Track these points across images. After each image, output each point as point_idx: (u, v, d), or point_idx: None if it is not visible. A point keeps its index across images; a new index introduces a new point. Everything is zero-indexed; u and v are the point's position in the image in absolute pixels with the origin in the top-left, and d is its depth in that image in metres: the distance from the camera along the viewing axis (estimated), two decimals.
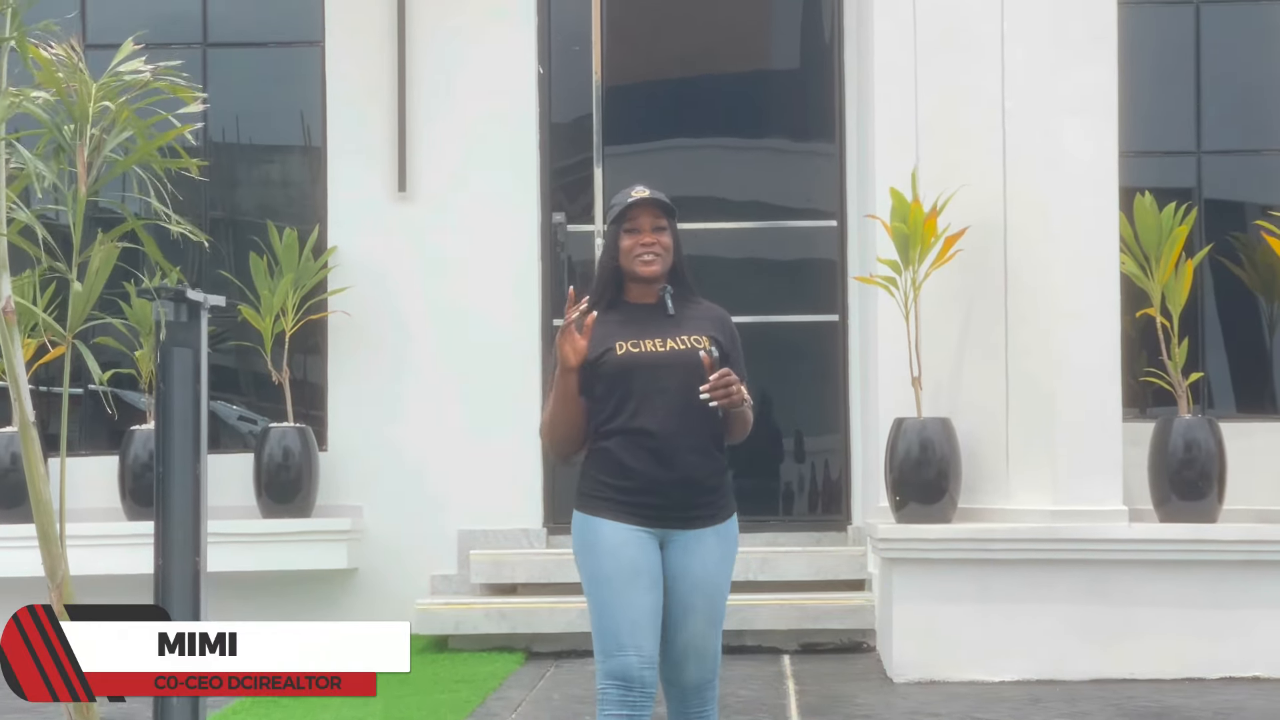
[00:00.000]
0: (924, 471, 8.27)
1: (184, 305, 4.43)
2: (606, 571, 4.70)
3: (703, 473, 4.73)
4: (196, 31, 10.25)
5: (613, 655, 4.64)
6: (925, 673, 8.10)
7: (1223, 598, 8.07)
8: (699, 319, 4.84)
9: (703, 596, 4.73)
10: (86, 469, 9.81)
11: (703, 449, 4.72)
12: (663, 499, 4.70)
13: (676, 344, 4.73)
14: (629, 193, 4.83)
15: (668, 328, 4.77)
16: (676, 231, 4.85)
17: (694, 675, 4.76)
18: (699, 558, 4.72)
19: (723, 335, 4.83)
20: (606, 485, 4.75)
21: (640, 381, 4.70)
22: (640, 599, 4.66)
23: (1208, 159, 9.69)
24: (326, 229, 10.10)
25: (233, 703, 7.69)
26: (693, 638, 4.73)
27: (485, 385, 9.92)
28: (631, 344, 4.73)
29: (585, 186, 10.10)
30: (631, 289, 4.85)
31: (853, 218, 9.87)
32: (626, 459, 4.71)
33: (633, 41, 10.33)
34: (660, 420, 4.68)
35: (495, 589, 9.59)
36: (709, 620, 4.75)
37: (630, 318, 4.80)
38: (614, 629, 4.66)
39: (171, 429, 4.43)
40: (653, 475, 4.69)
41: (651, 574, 4.69)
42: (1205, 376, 9.42)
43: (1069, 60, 8.38)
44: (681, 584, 4.72)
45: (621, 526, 4.71)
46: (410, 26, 10.08)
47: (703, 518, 4.74)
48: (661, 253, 4.79)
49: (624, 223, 4.81)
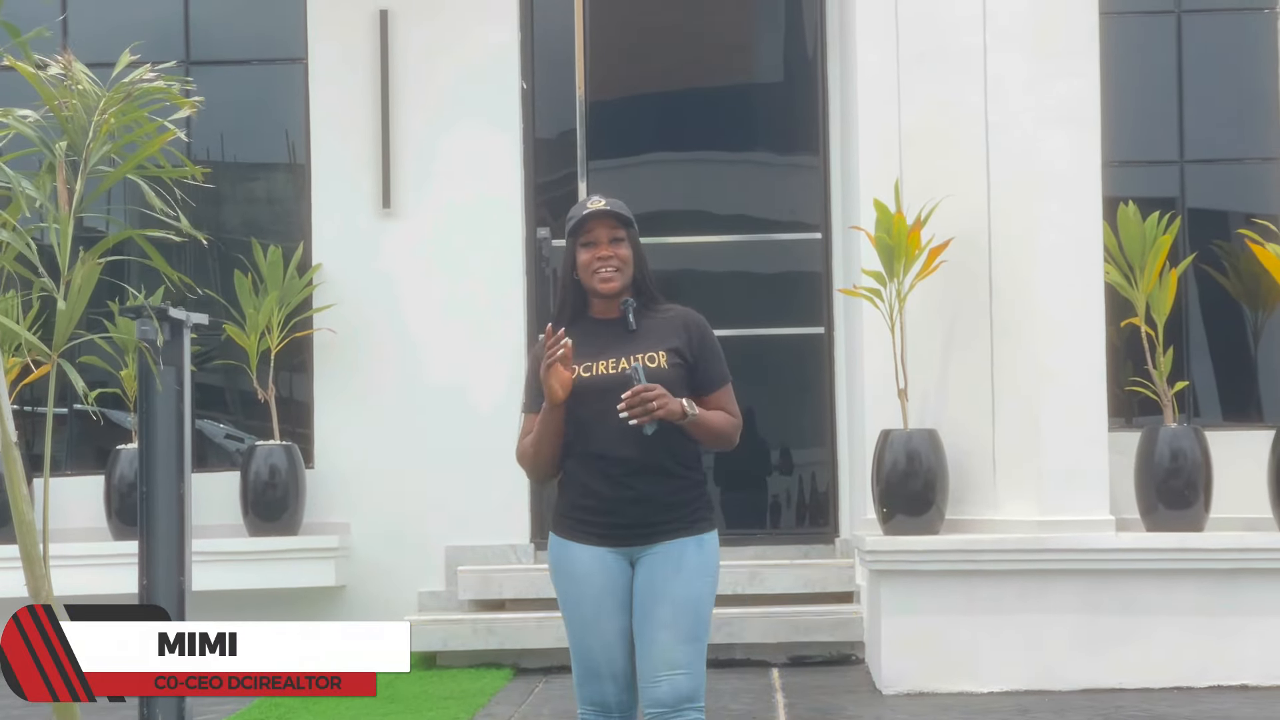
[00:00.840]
0: (911, 483, 8.27)
1: (167, 323, 4.42)
2: (576, 595, 4.72)
3: (660, 491, 4.66)
4: (179, 49, 10.23)
5: (588, 681, 4.69)
6: (914, 684, 8.09)
7: (1210, 606, 8.07)
8: (661, 330, 4.74)
9: (669, 609, 4.62)
10: (73, 489, 9.80)
11: (659, 468, 4.65)
12: (622, 518, 4.66)
13: (629, 363, 4.65)
14: (585, 204, 4.78)
15: (624, 346, 4.70)
16: (637, 241, 4.78)
17: (668, 692, 4.60)
18: (664, 571, 4.64)
19: (687, 337, 4.74)
20: (575, 506, 4.73)
21: (592, 406, 4.63)
22: (610, 622, 4.67)
23: (1191, 168, 9.70)
24: (311, 246, 10.09)
25: (236, 713, 7.68)
26: (662, 652, 4.60)
27: (471, 401, 9.91)
28: (584, 368, 4.67)
29: (570, 201, 10.08)
30: (594, 303, 4.80)
31: (837, 230, 9.88)
32: (588, 481, 4.68)
33: (616, 56, 10.34)
34: (613, 444, 4.63)
35: (483, 605, 9.57)
36: (677, 634, 4.61)
37: (590, 336, 4.73)
38: (587, 654, 4.69)
39: (155, 447, 4.42)
40: (611, 497, 4.65)
41: (620, 596, 4.67)
42: (1191, 385, 9.43)
43: (1051, 71, 8.40)
44: (647, 597, 4.65)
45: (589, 549, 4.69)
46: (393, 43, 10.08)
47: (668, 532, 4.67)
48: (621, 266, 4.73)
49: (580, 236, 4.76)
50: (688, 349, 4.72)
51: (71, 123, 4.36)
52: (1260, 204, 9.51)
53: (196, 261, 10.18)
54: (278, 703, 8.15)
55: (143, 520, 4.46)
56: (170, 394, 4.38)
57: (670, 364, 4.68)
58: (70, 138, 4.38)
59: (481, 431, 9.90)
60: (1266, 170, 9.55)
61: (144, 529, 4.46)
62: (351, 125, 10.10)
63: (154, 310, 4.34)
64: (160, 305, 4.37)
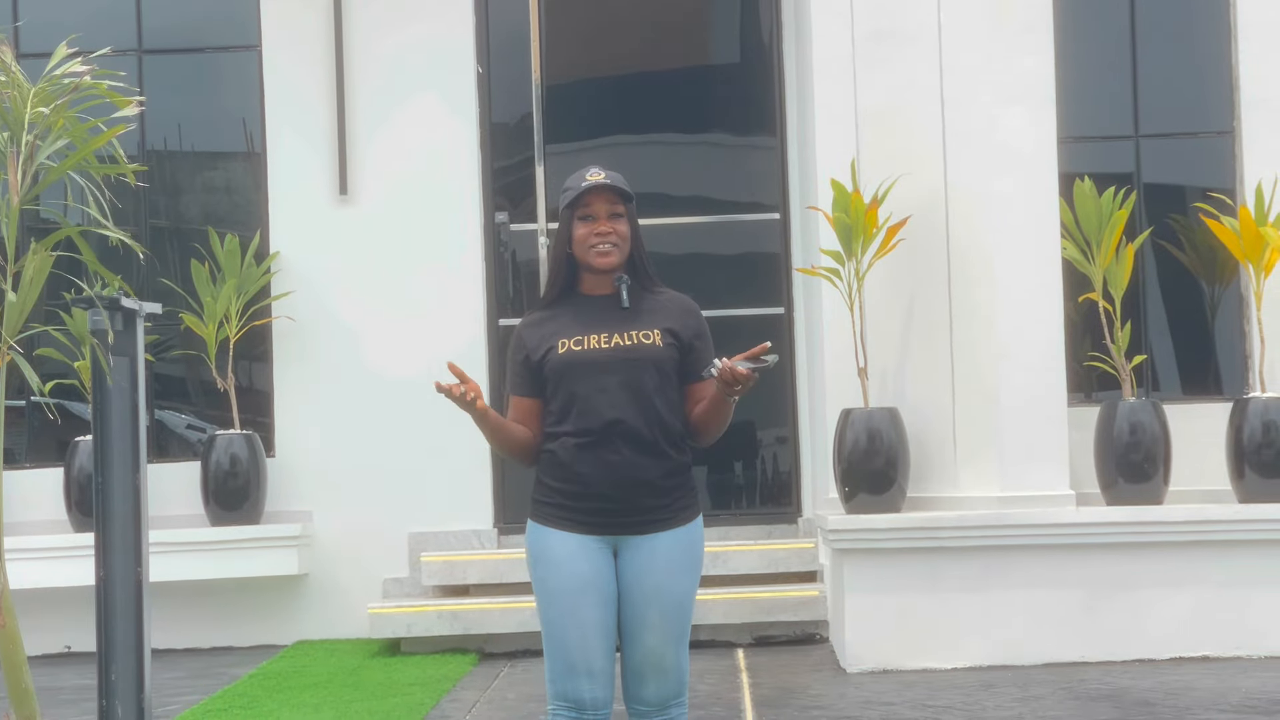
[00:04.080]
0: (872, 461, 8.29)
1: (119, 313, 4.39)
2: (554, 586, 4.46)
3: (652, 474, 4.45)
4: (131, 38, 10.18)
5: (562, 678, 4.45)
6: (878, 662, 8.12)
7: (1170, 579, 8.12)
8: (656, 311, 4.57)
9: (657, 610, 4.45)
10: (32, 481, 9.77)
11: (651, 448, 4.45)
12: (609, 503, 4.45)
13: (623, 340, 4.48)
14: (583, 175, 4.56)
15: (619, 322, 4.51)
16: (635, 218, 4.56)
17: (654, 692, 4.48)
18: (652, 567, 4.46)
19: (684, 323, 4.57)
20: (555, 491, 4.50)
21: (582, 381, 4.45)
22: (588, 615, 4.43)
23: (1146, 143, 9.74)
24: (268, 234, 10.06)
25: (183, 712, 7.65)
26: (649, 654, 4.46)
27: (431, 387, 9.85)
28: (575, 341, 4.48)
29: (527, 185, 10.08)
30: (586, 279, 4.58)
31: (795, 210, 9.89)
32: (571, 462, 4.46)
33: (572, 39, 10.32)
34: (605, 420, 4.43)
35: (447, 591, 9.57)
36: (665, 636, 4.46)
37: (581, 312, 4.55)
38: (563, 648, 4.44)
39: (110, 438, 4.40)
40: (597, 478, 4.44)
41: (601, 588, 4.45)
42: (1149, 359, 9.48)
43: (1007, 48, 8.42)
44: (634, 596, 4.47)
45: (570, 537, 4.47)
46: (348, 28, 10.04)
47: (656, 521, 4.48)
48: (619, 242, 4.53)
49: (578, 209, 4.53)
50: (683, 333, 4.56)
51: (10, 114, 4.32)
52: (1216, 178, 9.55)
53: (154, 251, 10.13)
54: (241, 692, 8.13)
55: (98, 511, 4.44)
56: (124, 384, 4.35)
57: (665, 344, 4.51)
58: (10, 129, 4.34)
59: (443, 418, 9.81)
60: (1221, 144, 9.59)
61: (100, 520, 4.43)
62: (307, 112, 10.07)
63: (105, 301, 4.31)
64: (112, 296, 4.33)
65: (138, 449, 4.42)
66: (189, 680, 8.63)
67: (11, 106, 4.44)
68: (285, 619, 9.87)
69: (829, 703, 7.38)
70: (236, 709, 7.68)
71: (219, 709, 7.69)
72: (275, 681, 8.40)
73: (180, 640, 9.70)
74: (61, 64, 4.57)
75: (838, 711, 7.15)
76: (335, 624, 9.84)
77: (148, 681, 4.51)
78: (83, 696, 7.99)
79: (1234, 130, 9.50)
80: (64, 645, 9.64)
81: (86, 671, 6.52)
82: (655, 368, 4.48)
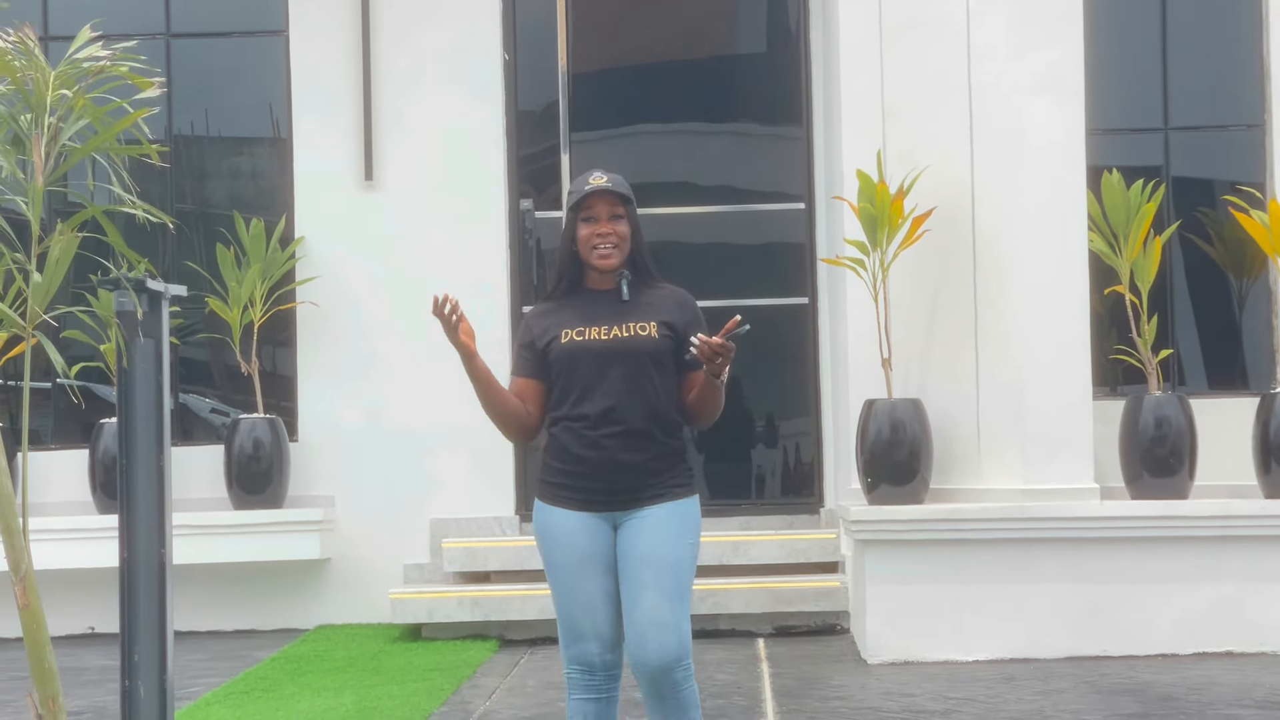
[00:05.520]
0: (895, 453, 8.27)
1: (145, 295, 4.38)
2: (559, 560, 4.85)
3: (644, 457, 4.78)
4: (159, 22, 10.20)
5: (572, 642, 4.82)
6: (899, 654, 8.11)
7: (1195, 574, 8.09)
8: (654, 304, 4.88)
9: (652, 570, 4.73)
10: (58, 463, 9.81)
11: (644, 434, 4.79)
12: (605, 483, 4.79)
13: (621, 331, 4.81)
14: (586, 179, 4.90)
15: (618, 315, 4.84)
16: (635, 218, 4.90)
17: (656, 653, 4.69)
18: (646, 534, 4.76)
19: (680, 316, 4.88)
20: (558, 472, 4.85)
21: (583, 369, 4.80)
22: (593, 584, 4.79)
23: (1175, 135, 9.70)
24: (294, 219, 10.07)
25: (205, 694, 7.67)
26: (648, 612, 4.71)
27: (455, 373, 9.83)
28: (577, 332, 4.82)
29: (552, 173, 10.08)
30: (591, 275, 4.92)
31: (820, 200, 9.87)
32: (572, 445, 4.81)
33: (599, 27, 10.30)
34: (601, 406, 4.77)
35: (468, 577, 9.58)
36: (661, 594, 4.71)
37: (585, 305, 4.89)
38: (570, 616, 4.82)
39: (134, 420, 4.39)
40: (595, 460, 4.78)
41: (603, 559, 4.80)
42: (1175, 353, 9.45)
43: (1035, 39, 8.39)
44: (631, 561, 4.76)
45: (571, 514, 4.82)
46: (374, 14, 10.04)
47: (649, 497, 4.79)
48: (619, 243, 4.86)
49: (581, 211, 4.87)
50: (679, 326, 4.85)
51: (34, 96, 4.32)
52: (1245, 171, 9.51)
53: (179, 235, 10.16)
54: (263, 675, 8.15)
55: (122, 494, 4.43)
56: (148, 367, 4.35)
57: (660, 335, 4.82)
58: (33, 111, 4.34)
59: (465, 404, 9.83)
60: (1251, 137, 9.55)
61: (124, 502, 4.43)
62: (333, 98, 10.07)
63: (131, 282, 4.31)
64: (138, 277, 4.33)
65: (162, 432, 4.42)
66: (211, 662, 8.65)
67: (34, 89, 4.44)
68: (307, 603, 9.89)
69: (849, 693, 7.37)
70: (258, 692, 7.70)
71: (240, 691, 7.71)
72: (296, 665, 8.42)
73: (203, 623, 9.73)
74: (84, 47, 4.57)
75: (858, 702, 7.14)
76: (357, 609, 9.85)
77: (170, 663, 4.51)
78: (106, 677, 8.02)
79: (1264, 123, 9.46)
80: (88, 626, 9.68)
81: (109, 652, 6.55)
82: (650, 358, 4.82)
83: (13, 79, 4.29)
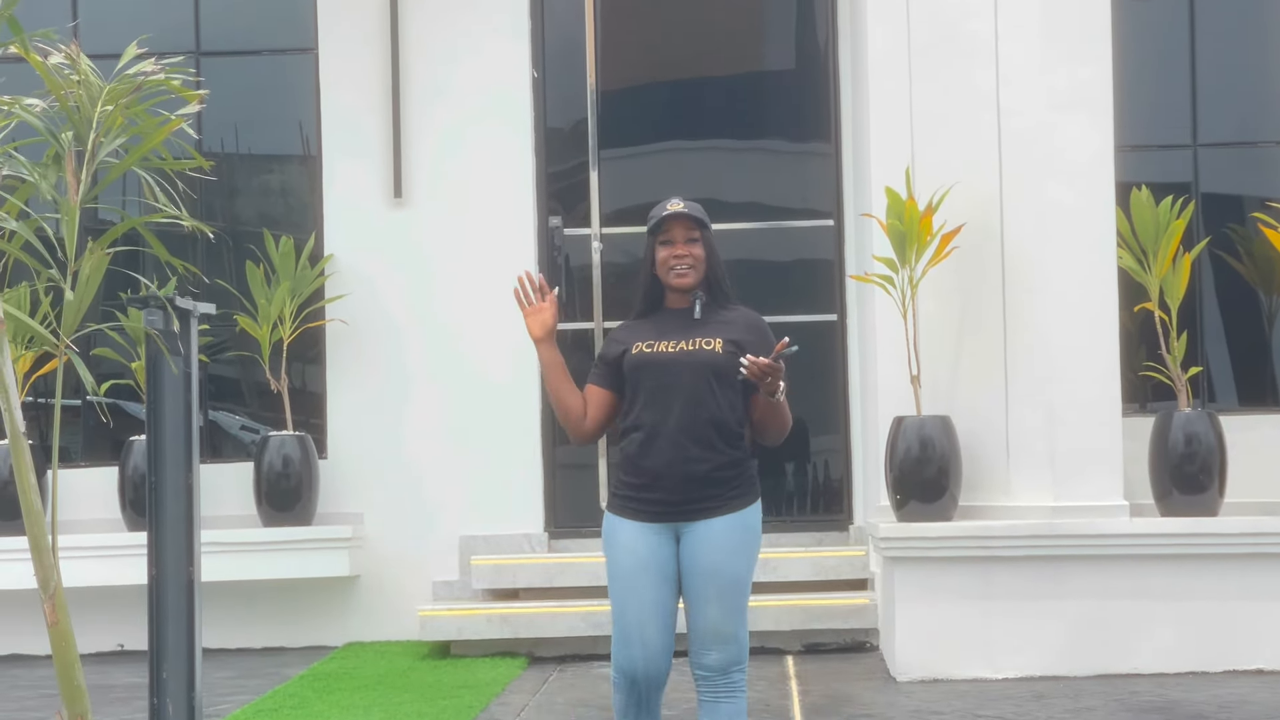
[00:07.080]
0: (924, 470, 8.25)
1: (174, 313, 4.41)
2: (618, 568, 5.10)
3: (705, 467, 5.03)
4: (190, 40, 10.24)
5: (619, 648, 5.07)
6: (928, 671, 8.08)
7: (1225, 591, 8.05)
8: (726, 323, 5.16)
9: (715, 586, 5.01)
10: (88, 480, 9.84)
11: (706, 443, 5.04)
12: (667, 494, 5.04)
13: (688, 345, 5.09)
14: (665, 206, 5.21)
15: (688, 330, 5.13)
16: (711, 241, 5.23)
17: (717, 659, 5.03)
18: (709, 548, 5.02)
19: (750, 337, 5.12)
20: (624, 484, 5.15)
21: (650, 379, 5.09)
22: (647, 594, 5.03)
23: (1204, 152, 9.67)
24: (323, 237, 10.10)
25: (234, 711, 7.68)
26: (711, 624, 5.02)
27: (484, 390, 9.91)
28: (647, 345, 5.13)
29: (581, 190, 10.09)
30: (669, 296, 5.24)
31: (849, 217, 9.86)
32: (636, 456, 5.09)
33: (627, 44, 10.32)
34: (663, 416, 5.05)
35: (497, 594, 9.58)
36: (724, 609, 5.01)
37: (660, 322, 5.21)
38: (623, 624, 5.07)
39: (163, 437, 4.42)
40: (656, 470, 5.04)
41: (661, 569, 5.05)
42: (1205, 370, 9.41)
43: (1064, 55, 8.38)
44: (694, 575, 5.04)
45: (634, 525, 5.09)
46: (403, 32, 10.07)
47: (711, 508, 5.05)
48: (694, 264, 5.18)
49: (659, 235, 5.20)
50: (746, 345, 5.08)
51: (77, 113, 4.35)
52: (1275, 188, 9.48)
53: (209, 253, 10.20)
54: (292, 692, 8.16)
55: (151, 511, 4.46)
56: (178, 383, 4.38)
57: (725, 352, 5.08)
58: (76, 128, 4.37)
59: (495, 421, 9.90)
60: None
61: (152, 519, 4.46)
62: (362, 115, 10.10)
63: (161, 300, 4.34)
64: (168, 295, 4.35)
65: (191, 448, 4.44)
66: (240, 680, 8.66)
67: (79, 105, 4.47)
68: (336, 620, 9.90)
69: (878, 711, 7.35)
70: (287, 709, 7.71)
71: (269, 709, 7.72)
72: (325, 682, 8.43)
73: (231, 640, 9.75)
74: (132, 63, 4.62)
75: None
76: (385, 626, 9.85)
77: (198, 680, 4.53)
78: (134, 695, 8.04)
79: None
80: (116, 643, 9.71)
81: (138, 670, 6.57)
82: (711, 370, 5.07)
83: (58, 95, 4.32)
